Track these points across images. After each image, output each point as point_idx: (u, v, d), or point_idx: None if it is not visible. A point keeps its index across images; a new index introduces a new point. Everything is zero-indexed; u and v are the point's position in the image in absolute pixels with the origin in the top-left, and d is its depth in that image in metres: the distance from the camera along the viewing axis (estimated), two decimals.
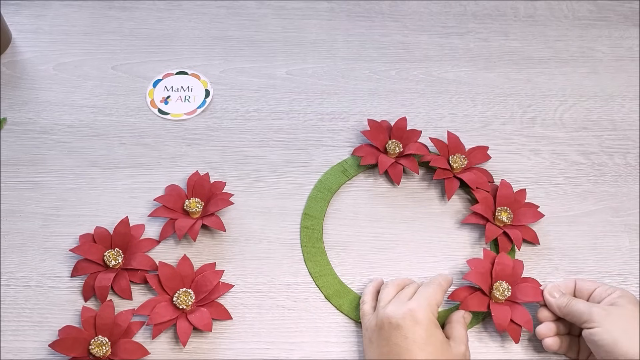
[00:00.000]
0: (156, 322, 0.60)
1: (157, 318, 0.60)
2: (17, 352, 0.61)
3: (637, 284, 0.68)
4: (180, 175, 0.73)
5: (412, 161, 0.73)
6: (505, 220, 0.68)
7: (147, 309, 0.61)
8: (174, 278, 0.63)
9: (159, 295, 0.63)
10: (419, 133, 0.75)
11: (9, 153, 0.74)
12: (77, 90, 0.80)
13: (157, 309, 0.61)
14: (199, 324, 0.61)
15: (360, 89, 0.82)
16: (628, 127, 0.80)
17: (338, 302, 0.65)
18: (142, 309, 0.61)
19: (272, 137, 0.77)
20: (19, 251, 0.67)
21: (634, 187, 0.75)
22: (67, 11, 0.88)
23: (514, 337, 0.61)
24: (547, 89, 0.84)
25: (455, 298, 0.63)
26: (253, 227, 0.70)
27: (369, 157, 0.73)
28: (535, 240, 0.69)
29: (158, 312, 0.61)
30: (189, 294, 0.62)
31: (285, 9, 0.90)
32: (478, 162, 0.74)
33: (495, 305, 0.62)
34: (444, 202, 0.73)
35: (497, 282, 0.63)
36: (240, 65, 0.84)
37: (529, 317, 0.62)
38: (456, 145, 0.74)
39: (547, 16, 0.92)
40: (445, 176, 0.72)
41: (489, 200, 0.70)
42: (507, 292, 0.62)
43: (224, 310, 0.63)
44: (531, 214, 0.70)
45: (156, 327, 0.60)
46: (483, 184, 0.71)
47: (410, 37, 0.88)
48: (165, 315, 0.61)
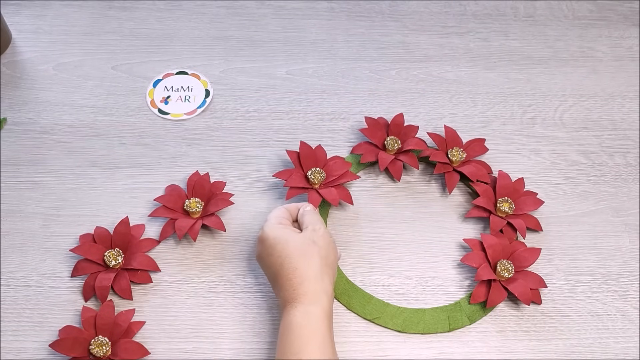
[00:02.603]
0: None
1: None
2: (17, 352, 0.61)
3: (637, 284, 0.68)
4: (180, 175, 0.73)
5: (412, 157, 0.73)
6: (507, 211, 0.69)
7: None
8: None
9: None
10: (416, 128, 0.76)
11: (9, 153, 0.74)
12: (77, 90, 0.80)
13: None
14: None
15: (360, 88, 0.82)
16: (628, 127, 0.80)
17: (347, 301, 0.65)
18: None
19: (272, 137, 0.77)
20: (19, 251, 0.67)
21: (634, 187, 0.75)
22: (67, 11, 0.88)
23: (538, 300, 0.65)
24: (547, 89, 0.84)
25: (477, 300, 0.64)
26: (253, 227, 0.70)
27: (368, 154, 0.73)
28: (538, 227, 0.70)
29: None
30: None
31: (285, 8, 0.90)
32: (476, 155, 0.75)
33: (510, 285, 0.64)
34: (444, 200, 0.73)
35: (498, 261, 0.66)
36: (240, 65, 0.84)
37: (540, 277, 0.65)
38: (454, 139, 0.75)
39: (547, 16, 0.92)
40: (445, 170, 0.72)
41: (489, 192, 0.71)
42: (511, 268, 0.65)
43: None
44: (532, 202, 0.71)
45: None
46: (483, 176, 0.72)
47: (410, 37, 0.88)
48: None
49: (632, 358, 0.63)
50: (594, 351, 0.64)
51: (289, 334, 0.55)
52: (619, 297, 0.67)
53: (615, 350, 0.64)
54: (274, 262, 0.59)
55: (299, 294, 0.56)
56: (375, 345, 0.63)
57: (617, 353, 0.63)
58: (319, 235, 0.60)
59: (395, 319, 0.64)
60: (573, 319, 0.65)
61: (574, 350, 0.64)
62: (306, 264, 0.58)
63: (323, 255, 0.59)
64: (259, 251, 0.61)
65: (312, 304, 0.56)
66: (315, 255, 0.58)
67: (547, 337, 0.64)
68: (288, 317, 0.56)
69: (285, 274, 0.57)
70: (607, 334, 0.65)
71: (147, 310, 0.64)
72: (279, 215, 0.62)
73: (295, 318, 0.55)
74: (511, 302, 0.66)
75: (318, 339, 0.55)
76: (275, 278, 0.59)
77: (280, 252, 0.58)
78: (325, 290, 0.57)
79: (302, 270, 0.57)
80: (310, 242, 0.59)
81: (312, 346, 0.54)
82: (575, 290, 0.67)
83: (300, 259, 0.58)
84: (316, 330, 0.55)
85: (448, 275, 0.68)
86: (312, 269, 0.57)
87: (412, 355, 0.63)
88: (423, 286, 0.67)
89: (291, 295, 0.57)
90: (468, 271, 0.68)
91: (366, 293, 0.66)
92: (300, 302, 0.56)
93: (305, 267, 0.57)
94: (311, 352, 0.53)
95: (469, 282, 0.67)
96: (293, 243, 0.59)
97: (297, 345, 0.54)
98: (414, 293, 0.66)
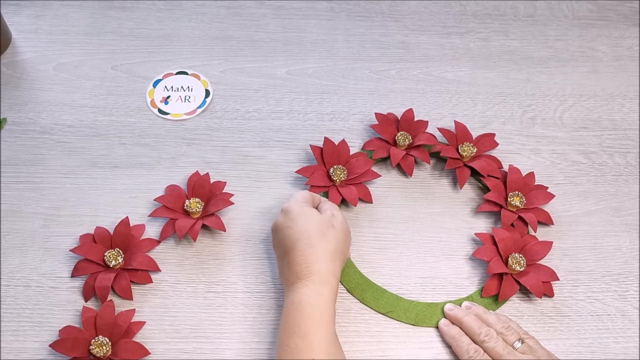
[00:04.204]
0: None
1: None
2: (17, 352, 0.61)
3: (637, 284, 0.68)
4: (180, 175, 0.73)
5: (423, 152, 0.74)
6: (518, 205, 0.70)
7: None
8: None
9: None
10: (426, 123, 0.76)
11: (9, 153, 0.74)
12: (77, 90, 0.80)
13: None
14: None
15: (360, 88, 0.82)
16: (628, 127, 0.80)
17: (361, 294, 0.65)
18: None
19: (272, 137, 0.77)
20: (19, 251, 0.67)
21: (634, 186, 0.75)
22: (67, 11, 0.88)
23: (550, 293, 0.65)
24: (547, 89, 0.84)
25: (488, 293, 0.65)
26: (253, 227, 0.70)
27: (379, 150, 0.74)
28: (549, 221, 0.70)
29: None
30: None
31: (285, 8, 0.90)
32: (486, 150, 0.75)
33: (522, 278, 0.65)
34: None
35: (510, 255, 0.66)
36: (240, 65, 0.84)
37: (552, 270, 0.66)
38: (464, 134, 0.75)
39: (547, 16, 0.92)
40: (456, 165, 0.73)
41: (500, 186, 0.72)
42: (523, 262, 0.65)
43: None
44: (542, 196, 0.71)
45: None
46: (494, 171, 0.73)
47: (410, 37, 0.88)
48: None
49: (632, 358, 0.63)
50: (594, 351, 0.64)
51: (298, 312, 0.56)
52: (619, 297, 0.67)
53: (615, 350, 0.64)
54: (292, 234, 0.60)
55: (311, 272, 0.57)
56: (375, 345, 0.63)
57: (617, 353, 0.63)
58: (338, 221, 0.61)
59: (409, 313, 0.64)
60: (573, 319, 0.65)
61: (574, 350, 0.64)
62: (322, 245, 0.59)
63: (340, 239, 0.60)
64: (279, 221, 0.62)
65: (323, 284, 0.57)
66: (332, 238, 0.60)
67: (547, 337, 0.64)
68: (298, 295, 0.57)
69: (301, 248, 0.58)
70: (607, 334, 0.65)
71: (147, 311, 0.64)
72: (305, 196, 0.64)
73: (307, 297, 0.56)
74: (511, 302, 0.66)
75: (326, 321, 0.56)
76: (288, 251, 0.60)
77: (300, 227, 0.60)
78: (335, 274, 0.59)
79: (317, 249, 0.58)
80: (329, 224, 0.61)
81: (321, 328, 0.55)
82: (575, 290, 0.67)
83: (318, 238, 0.59)
84: (325, 312, 0.56)
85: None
86: (327, 251, 0.59)
87: (412, 355, 0.63)
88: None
89: (303, 272, 0.57)
90: (479, 265, 0.68)
91: (379, 287, 0.66)
92: (311, 280, 0.57)
93: (321, 247, 0.59)
94: (319, 334, 0.54)
95: (479, 277, 0.67)
96: (314, 221, 0.60)
97: (305, 327, 0.55)
98: (418, 291, 0.66)
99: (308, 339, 0.54)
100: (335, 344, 0.56)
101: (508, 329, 0.61)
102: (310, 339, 0.54)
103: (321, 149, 0.72)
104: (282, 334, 0.56)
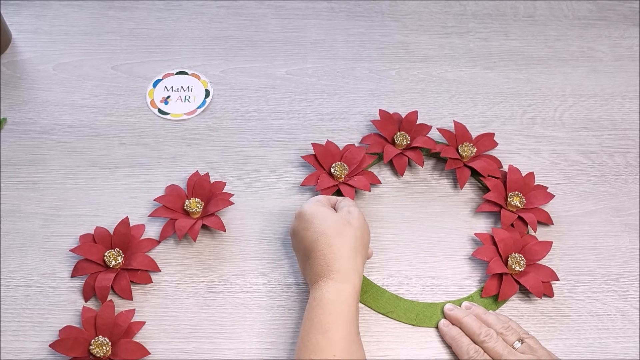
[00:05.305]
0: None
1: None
2: (17, 352, 0.61)
3: (637, 284, 0.68)
4: (180, 175, 0.73)
5: (418, 154, 0.74)
6: (518, 205, 0.70)
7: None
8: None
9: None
10: (429, 128, 0.76)
11: (9, 153, 0.74)
12: (77, 90, 0.80)
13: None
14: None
15: (360, 88, 0.82)
16: (628, 127, 0.80)
17: (361, 295, 0.65)
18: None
19: (272, 137, 0.77)
20: (19, 251, 0.67)
21: (634, 187, 0.75)
22: (67, 11, 0.88)
23: (550, 293, 0.65)
24: (547, 89, 0.84)
25: (488, 293, 0.65)
26: (253, 227, 0.70)
27: (375, 145, 0.74)
28: (549, 221, 0.70)
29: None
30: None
31: (285, 8, 0.90)
32: (486, 150, 0.75)
33: (522, 278, 0.65)
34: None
35: (510, 255, 0.66)
36: (240, 65, 0.84)
37: (552, 270, 0.66)
38: (464, 134, 0.75)
39: (547, 16, 0.92)
40: (457, 166, 0.73)
41: (500, 186, 0.72)
42: (522, 262, 0.65)
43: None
44: (542, 196, 0.71)
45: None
46: (494, 171, 0.73)
47: (410, 37, 0.88)
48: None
49: (632, 358, 0.63)
50: (594, 351, 0.64)
51: (319, 309, 0.56)
52: (619, 297, 0.67)
53: (615, 350, 0.64)
54: (309, 236, 0.60)
55: (333, 270, 0.57)
56: (375, 345, 0.63)
57: (617, 353, 0.63)
58: (354, 217, 0.61)
59: (409, 313, 0.64)
60: (573, 319, 0.65)
61: (574, 350, 0.64)
62: (341, 242, 0.59)
63: (358, 235, 0.60)
64: (294, 226, 0.62)
65: (344, 281, 0.57)
66: (350, 234, 0.60)
67: (547, 337, 0.64)
68: (320, 292, 0.57)
69: (321, 249, 0.58)
70: (607, 334, 0.65)
71: (147, 311, 0.64)
72: (320, 199, 0.64)
73: (328, 293, 0.56)
74: (511, 302, 0.66)
75: (347, 318, 0.56)
76: (308, 253, 0.60)
77: (316, 228, 0.60)
78: (357, 270, 0.59)
79: (336, 247, 0.58)
80: (345, 222, 0.60)
81: (341, 325, 0.55)
82: (575, 290, 0.67)
83: (336, 237, 0.59)
84: (346, 309, 0.56)
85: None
86: (346, 248, 0.59)
87: (412, 355, 0.63)
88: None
89: (324, 271, 0.58)
90: (479, 265, 0.68)
91: (379, 287, 0.66)
92: (332, 278, 0.57)
93: (340, 245, 0.59)
94: (340, 331, 0.54)
95: (479, 277, 0.67)
96: (330, 221, 0.60)
97: (326, 323, 0.55)
98: (418, 291, 0.67)
99: (328, 335, 0.54)
100: (356, 342, 0.56)
101: (508, 329, 0.61)
102: (330, 335, 0.54)
103: (314, 155, 0.73)
104: (303, 330, 0.56)
